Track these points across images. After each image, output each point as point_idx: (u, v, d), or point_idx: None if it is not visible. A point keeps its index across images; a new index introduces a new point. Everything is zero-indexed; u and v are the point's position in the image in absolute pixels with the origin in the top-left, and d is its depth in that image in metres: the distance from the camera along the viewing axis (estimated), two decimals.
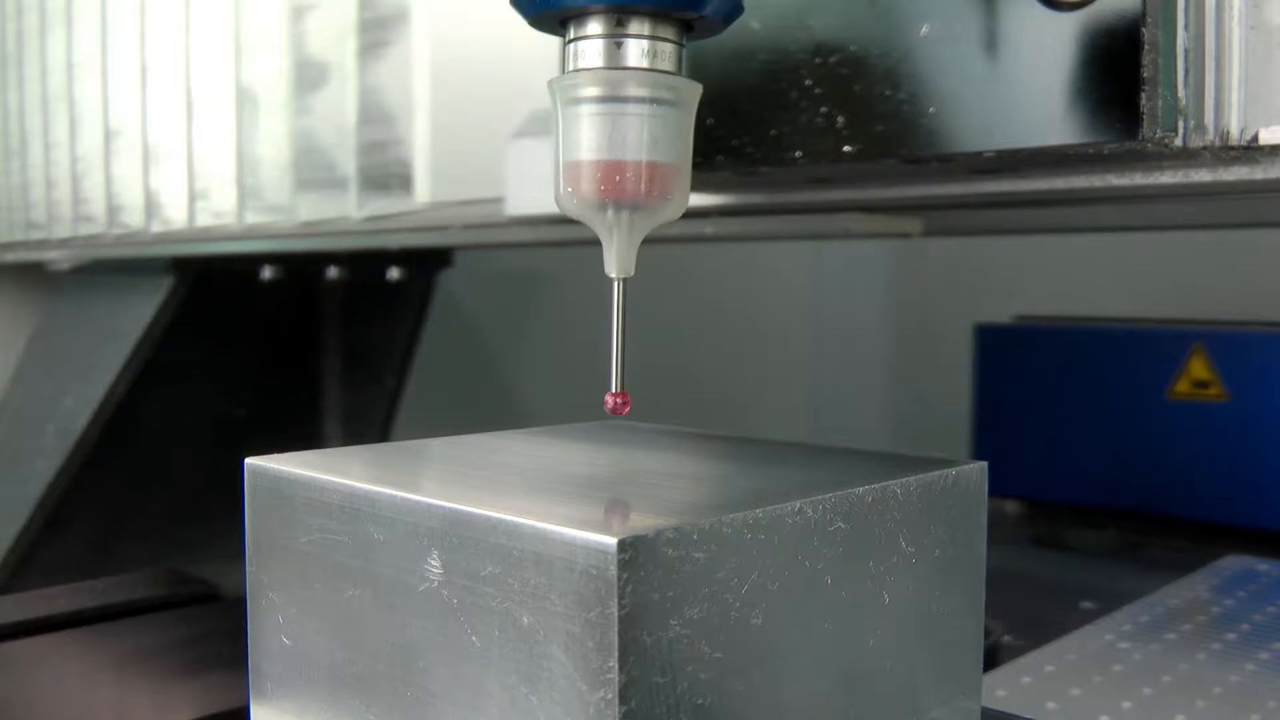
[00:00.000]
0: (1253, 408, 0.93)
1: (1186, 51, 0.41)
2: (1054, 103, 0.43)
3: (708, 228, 0.65)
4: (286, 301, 1.24)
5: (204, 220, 0.94)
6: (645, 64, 0.38)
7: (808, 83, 0.48)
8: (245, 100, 0.90)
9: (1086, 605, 0.73)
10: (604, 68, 0.38)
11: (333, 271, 1.17)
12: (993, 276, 1.36)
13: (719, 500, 0.32)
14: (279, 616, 0.38)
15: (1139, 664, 0.58)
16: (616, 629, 0.28)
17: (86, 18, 1.06)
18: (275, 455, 0.40)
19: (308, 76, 0.85)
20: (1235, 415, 0.94)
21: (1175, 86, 0.41)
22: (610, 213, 0.39)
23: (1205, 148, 0.42)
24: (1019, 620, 0.67)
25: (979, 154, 0.44)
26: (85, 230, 1.08)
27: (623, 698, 0.28)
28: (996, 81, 0.44)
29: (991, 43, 0.44)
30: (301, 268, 1.16)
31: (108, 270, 1.16)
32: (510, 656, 0.31)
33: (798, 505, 0.32)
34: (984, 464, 0.39)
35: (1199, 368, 0.96)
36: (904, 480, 0.36)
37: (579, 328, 1.56)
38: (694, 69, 0.47)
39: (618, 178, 0.38)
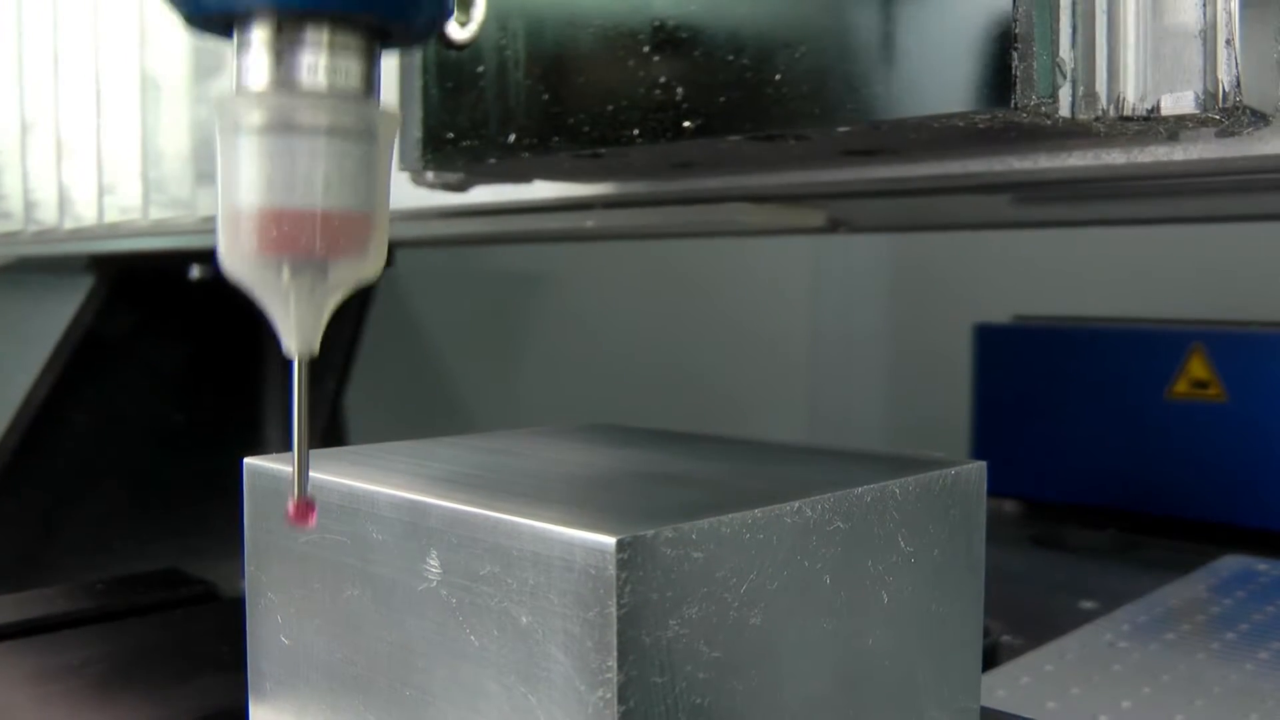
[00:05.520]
0: (1251, 408, 0.93)
1: (1073, 3, 0.34)
2: (919, 69, 0.35)
3: (588, 221, 0.59)
4: (220, 303, 1.20)
5: (112, 215, 0.88)
6: (323, 84, 0.29)
7: (645, 49, 0.40)
8: (149, 88, 0.84)
9: (1086, 605, 0.73)
10: (270, 88, 0.29)
11: None
12: (993, 276, 1.36)
13: (718, 500, 0.32)
14: (278, 616, 0.38)
15: (1138, 664, 0.58)
16: (615, 628, 0.28)
17: (1, 4, 0.99)
18: (274, 455, 0.40)
19: (206, 62, 0.80)
20: (1234, 415, 0.94)
21: (1055, 44, 0.34)
22: (286, 274, 0.30)
23: (1097, 119, 0.35)
24: (1019, 620, 0.67)
25: (833, 130, 0.36)
26: (3, 228, 1.02)
27: (621, 697, 0.28)
28: (857, 45, 0.36)
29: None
30: None
31: (30, 269, 1.11)
32: (509, 656, 0.31)
33: (797, 505, 0.32)
34: (983, 464, 0.39)
35: (1198, 368, 0.96)
36: (903, 480, 0.36)
37: (575, 328, 1.56)
38: (528, 37, 0.39)
39: (287, 229, 0.29)
